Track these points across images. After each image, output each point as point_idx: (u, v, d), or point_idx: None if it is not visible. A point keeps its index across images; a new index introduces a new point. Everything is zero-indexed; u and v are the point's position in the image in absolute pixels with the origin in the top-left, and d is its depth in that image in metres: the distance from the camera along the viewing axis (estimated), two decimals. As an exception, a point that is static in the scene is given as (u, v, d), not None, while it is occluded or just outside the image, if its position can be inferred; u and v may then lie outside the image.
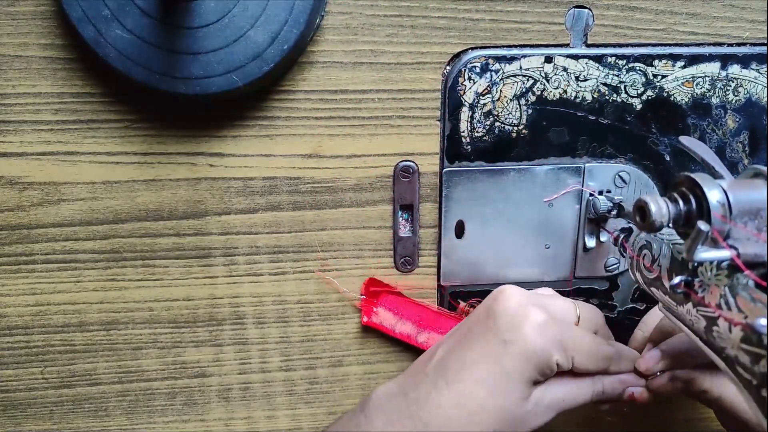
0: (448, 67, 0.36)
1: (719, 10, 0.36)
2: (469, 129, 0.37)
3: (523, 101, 0.37)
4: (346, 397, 0.42)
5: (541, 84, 0.36)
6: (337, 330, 0.40)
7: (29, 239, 0.37)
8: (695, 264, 0.27)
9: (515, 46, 0.36)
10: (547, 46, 0.36)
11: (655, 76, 0.37)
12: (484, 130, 0.37)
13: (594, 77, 0.37)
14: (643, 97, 0.37)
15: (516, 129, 0.37)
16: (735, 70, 0.37)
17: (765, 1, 0.37)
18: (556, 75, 0.36)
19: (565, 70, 0.36)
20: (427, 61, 0.36)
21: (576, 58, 0.36)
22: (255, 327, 0.40)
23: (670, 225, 0.27)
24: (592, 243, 0.39)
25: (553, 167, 0.38)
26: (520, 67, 0.36)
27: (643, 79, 0.37)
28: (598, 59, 0.36)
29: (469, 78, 0.36)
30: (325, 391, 0.42)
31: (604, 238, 0.39)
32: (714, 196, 0.25)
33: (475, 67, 0.36)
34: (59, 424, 0.40)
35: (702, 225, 0.24)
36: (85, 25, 0.31)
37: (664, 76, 0.37)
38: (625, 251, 0.35)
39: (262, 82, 0.34)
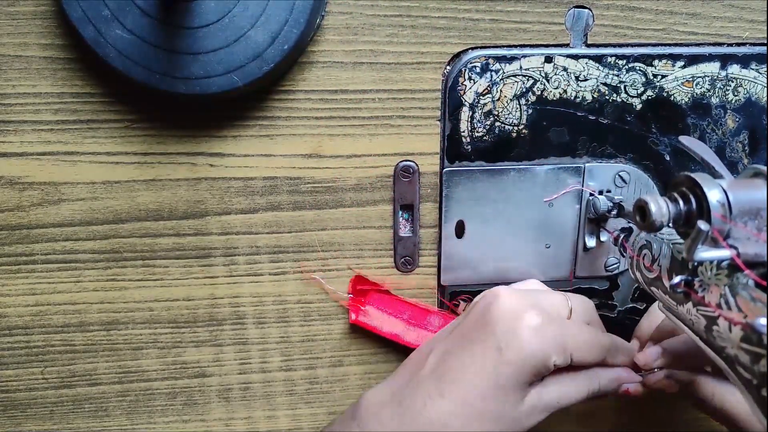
0: (448, 67, 0.36)
1: (719, 10, 0.37)
2: (469, 129, 0.37)
3: (523, 101, 0.37)
4: (346, 397, 0.42)
5: (541, 84, 0.36)
6: (337, 330, 0.40)
7: (29, 239, 0.37)
8: (695, 264, 0.27)
9: (515, 46, 0.36)
10: (547, 46, 0.36)
11: (655, 76, 0.37)
12: (485, 130, 0.37)
13: (594, 77, 0.37)
14: (643, 97, 0.37)
15: (516, 129, 0.37)
16: (735, 70, 0.37)
17: (765, 1, 0.37)
18: (556, 75, 0.36)
19: (565, 70, 0.36)
20: (428, 61, 0.36)
21: (576, 58, 0.36)
22: (255, 327, 0.40)
23: (670, 225, 0.27)
24: (592, 243, 0.39)
25: (553, 167, 0.38)
26: (520, 67, 0.36)
27: (643, 79, 0.37)
28: (598, 59, 0.36)
29: (470, 78, 0.36)
30: (325, 391, 0.42)
31: (604, 238, 0.39)
32: (714, 195, 0.25)
33: (475, 67, 0.36)
34: (59, 424, 0.40)
35: (702, 225, 0.25)
36: (85, 25, 0.31)
37: (664, 76, 0.37)
38: (625, 251, 0.35)
39: (262, 82, 0.34)
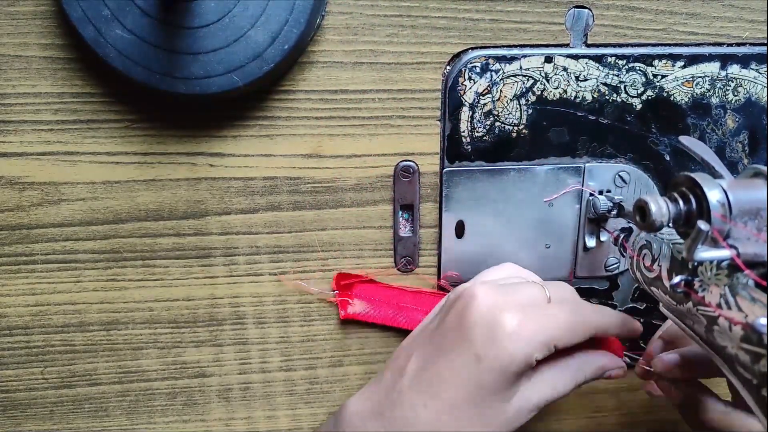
0: (448, 67, 0.36)
1: (719, 10, 0.37)
2: (469, 129, 0.37)
3: (523, 101, 0.37)
4: (346, 397, 0.42)
5: (541, 84, 0.36)
6: (337, 330, 0.40)
7: (29, 239, 0.37)
8: (695, 263, 0.27)
9: (515, 46, 0.36)
10: (547, 46, 0.36)
11: (655, 76, 0.37)
12: (485, 130, 0.37)
13: (594, 77, 0.37)
14: (643, 97, 0.37)
15: (516, 129, 0.37)
16: (735, 70, 0.37)
17: (765, 1, 0.37)
18: (556, 75, 0.36)
19: (565, 70, 0.36)
20: (428, 61, 0.36)
21: (576, 58, 0.36)
22: (255, 327, 0.40)
23: (670, 225, 0.27)
24: (592, 243, 0.39)
25: (553, 167, 0.38)
26: (520, 67, 0.36)
27: (643, 79, 0.37)
28: (598, 59, 0.36)
29: (470, 78, 0.36)
30: (325, 391, 0.42)
31: (604, 238, 0.39)
32: (714, 195, 0.25)
33: (475, 67, 0.36)
34: (59, 424, 0.40)
35: (702, 225, 0.25)
36: (85, 25, 0.31)
37: (664, 76, 0.37)
38: (625, 251, 0.35)
39: (262, 82, 0.34)
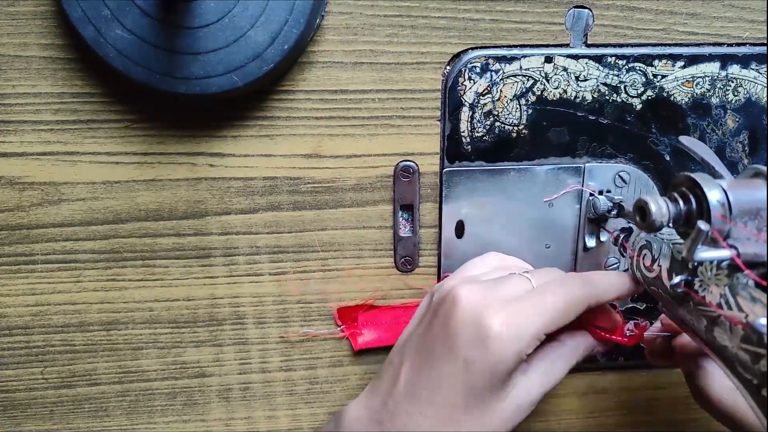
0: (448, 67, 0.36)
1: (719, 10, 0.37)
2: (469, 129, 0.37)
3: (523, 101, 0.37)
4: (346, 397, 0.42)
5: (541, 84, 0.36)
6: (337, 330, 0.40)
7: (29, 239, 0.37)
8: (695, 263, 0.27)
9: (515, 46, 0.36)
10: (547, 46, 0.36)
11: (655, 76, 0.37)
12: (484, 130, 0.37)
13: (594, 77, 0.37)
14: (643, 97, 0.37)
15: (516, 129, 0.37)
16: (735, 70, 0.37)
17: (765, 1, 0.37)
18: (556, 75, 0.36)
19: (565, 70, 0.36)
20: (427, 61, 0.36)
21: (576, 58, 0.36)
22: (255, 327, 0.40)
23: (670, 225, 0.27)
24: (592, 243, 0.39)
25: (553, 167, 0.38)
26: (520, 67, 0.36)
27: (643, 79, 0.37)
28: (598, 59, 0.36)
29: (469, 78, 0.36)
30: (325, 391, 0.42)
31: (604, 238, 0.39)
32: (714, 195, 0.25)
33: (475, 67, 0.36)
34: (59, 424, 0.40)
35: (702, 225, 0.25)
36: (85, 25, 0.31)
37: (664, 76, 0.37)
38: (625, 251, 0.35)
39: (262, 82, 0.34)
